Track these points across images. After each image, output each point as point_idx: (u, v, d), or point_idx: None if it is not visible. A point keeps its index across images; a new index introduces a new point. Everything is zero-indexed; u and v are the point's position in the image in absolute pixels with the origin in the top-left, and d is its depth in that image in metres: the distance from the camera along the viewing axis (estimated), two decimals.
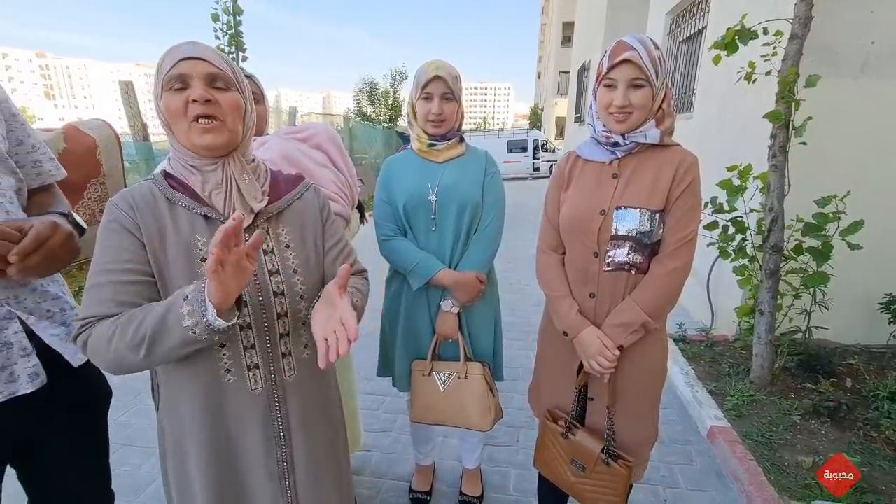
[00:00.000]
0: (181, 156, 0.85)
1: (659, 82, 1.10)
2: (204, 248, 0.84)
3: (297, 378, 0.94)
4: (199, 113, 0.79)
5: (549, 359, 1.40)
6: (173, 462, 0.93)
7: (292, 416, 0.94)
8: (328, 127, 1.55)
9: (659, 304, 1.16)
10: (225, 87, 0.82)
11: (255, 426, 0.90)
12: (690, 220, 1.15)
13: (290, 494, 0.95)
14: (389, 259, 1.49)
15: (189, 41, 0.84)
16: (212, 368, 0.86)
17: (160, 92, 0.81)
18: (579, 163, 1.26)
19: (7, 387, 0.86)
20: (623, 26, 7.65)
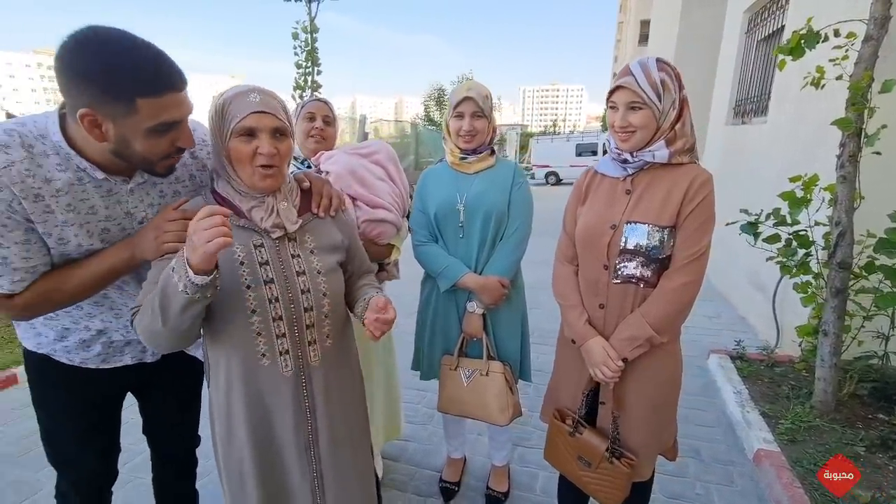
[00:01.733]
0: (236, 186, 1.02)
1: (664, 104, 1.14)
2: (241, 254, 1.01)
3: (321, 363, 1.10)
4: (264, 163, 0.96)
5: (563, 363, 1.47)
6: (221, 430, 1.11)
7: (317, 396, 1.10)
8: (387, 146, 1.75)
9: (666, 318, 1.19)
10: (284, 136, 1.00)
11: (286, 404, 1.07)
12: (701, 236, 1.17)
13: (314, 464, 1.11)
14: (422, 263, 1.64)
15: (256, 89, 0.98)
16: (250, 353, 1.03)
17: (228, 135, 0.95)
18: (597, 178, 1.32)
19: (140, 355, 1.21)
20: (699, 25, 7.25)
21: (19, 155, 0.88)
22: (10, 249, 0.91)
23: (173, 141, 0.95)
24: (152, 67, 0.86)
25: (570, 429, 1.38)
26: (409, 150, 13.46)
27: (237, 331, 1.01)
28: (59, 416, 1.20)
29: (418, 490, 1.98)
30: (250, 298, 0.99)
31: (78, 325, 1.10)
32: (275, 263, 1.03)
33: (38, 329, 1.11)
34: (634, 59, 1.18)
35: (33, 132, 0.91)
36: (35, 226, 0.92)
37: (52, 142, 0.92)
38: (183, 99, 0.92)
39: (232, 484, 1.12)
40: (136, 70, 0.84)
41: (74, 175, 0.94)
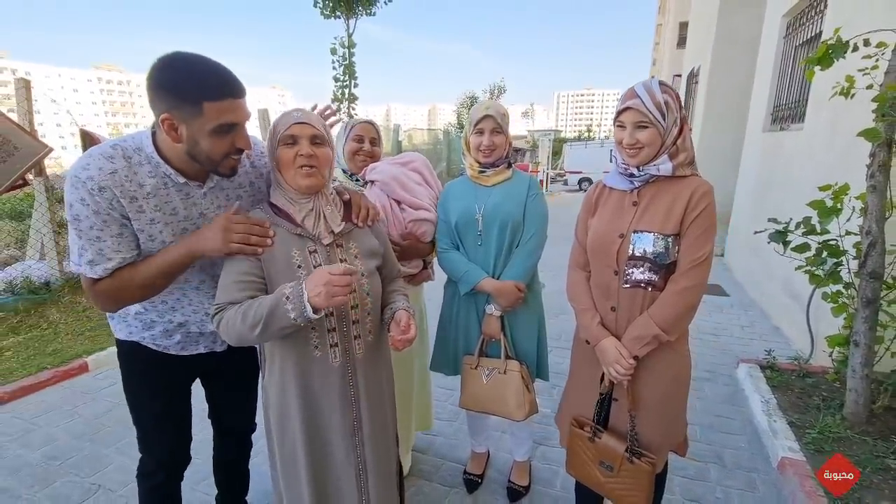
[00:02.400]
0: (286, 192, 1.21)
1: (668, 122, 1.24)
2: (298, 258, 1.17)
3: (364, 356, 1.26)
4: (303, 163, 1.14)
5: (578, 365, 1.56)
6: (276, 418, 1.26)
7: (360, 385, 1.25)
8: (421, 156, 1.96)
9: (672, 319, 1.28)
10: (321, 143, 1.17)
11: (334, 392, 1.22)
12: (704, 243, 1.26)
13: (359, 448, 1.26)
14: (444, 268, 1.78)
15: (298, 109, 1.22)
16: (304, 346, 1.19)
17: (276, 146, 1.17)
18: (605, 191, 1.43)
19: (212, 345, 1.40)
20: (736, 29, 7.10)
21: (121, 164, 1.08)
22: (106, 242, 1.09)
23: (233, 142, 1.11)
24: (215, 78, 1.05)
25: (588, 434, 1.46)
26: (442, 156, 13.69)
27: None
28: (142, 395, 1.38)
29: (444, 480, 2.11)
30: None
31: (163, 318, 1.29)
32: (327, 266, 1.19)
33: (129, 321, 1.30)
34: (638, 83, 1.27)
35: (131, 146, 1.11)
36: (129, 222, 1.11)
37: (145, 154, 1.12)
38: (241, 105, 1.09)
39: (286, 467, 1.27)
40: (202, 80, 1.03)
41: (161, 181, 1.13)
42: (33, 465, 2.21)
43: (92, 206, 1.05)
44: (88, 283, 1.13)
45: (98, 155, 1.07)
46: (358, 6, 8.98)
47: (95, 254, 1.09)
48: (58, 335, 3.50)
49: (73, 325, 3.67)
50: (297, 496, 1.27)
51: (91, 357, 3.16)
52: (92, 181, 1.04)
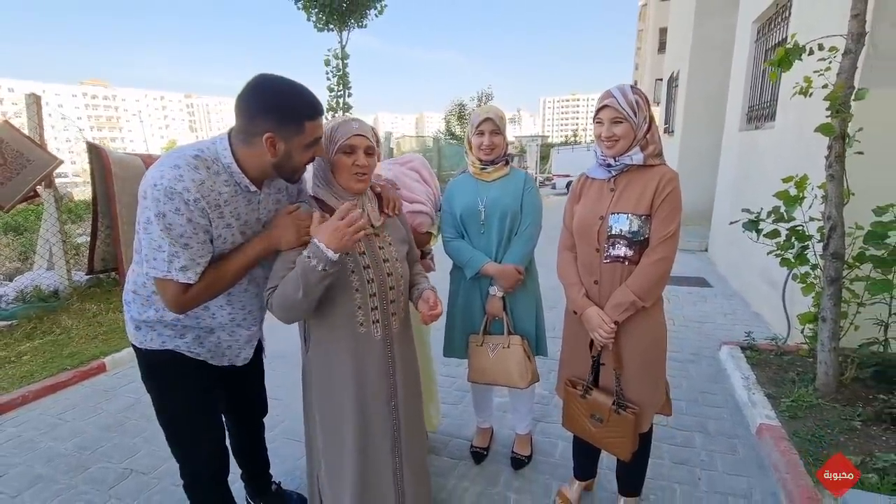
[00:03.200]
0: (335, 190, 1.37)
1: (639, 119, 1.46)
2: None
3: (399, 330, 1.46)
4: (358, 171, 1.33)
5: (570, 336, 1.76)
6: (318, 386, 1.43)
7: (397, 355, 1.45)
8: (421, 157, 2.19)
9: (646, 287, 1.48)
10: (371, 154, 1.37)
11: (376, 362, 1.41)
12: (670, 221, 1.47)
13: (396, 412, 1.45)
14: (450, 255, 1.98)
15: (356, 119, 1.38)
16: (352, 322, 1.37)
17: (334, 152, 1.31)
18: (588, 181, 1.65)
19: (234, 359, 1.52)
20: (712, 35, 7.45)
21: (205, 175, 1.19)
22: (194, 249, 1.18)
23: (315, 153, 1.28)
24: (311, 100, 1.22)
25: (581, 392, 1.67)
26: (432, 163, 13.94)
27: (343, 305, 1.35)
28: (187, 397, 1.45)
29: (452, 454, 2.28)
30: (354, 280, 1.35)
31: (198, 322, 1.38)
32: (369, 253, 1.39)
33: (160, 330, 1.37)
34: (613, 86, 1.50)
35: (210, 156, 1.22)
36: (211, 228, 1.21)
37: (222, 164, 1.23)
38: (323, 123, 1.29)
39: (328, 434, 1.43)
40: (303, 102, 1.20)
41: (234, 188, 1.26)
42: (66, 454, 2.35)
43: (186, 216, 1.15)
44: (178, 290, 1.20)
45: (186, 167, 1.16)
46: (350, 19, 9.24)
47: (188, 260, 1.18)
48: (72, 339, 3.62)
49: (85, 330, 3.80)
50: (338, 455, 1.43)
51: (108, 358, 3.29)
52: (188, 192, 1.14)
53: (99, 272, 4.72)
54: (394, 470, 1.46)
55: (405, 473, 1.48)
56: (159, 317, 1.35)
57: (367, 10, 9.29)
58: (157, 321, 1.35)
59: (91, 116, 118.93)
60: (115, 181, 4.04)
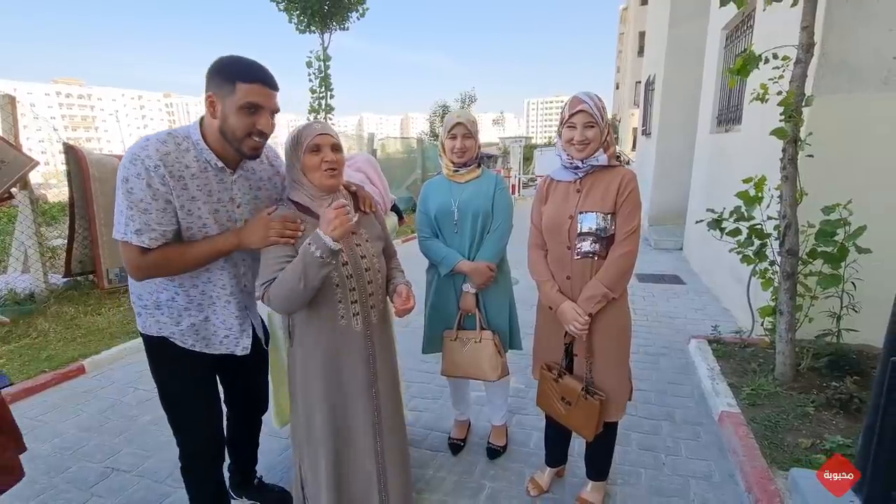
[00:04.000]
0: (309, 191, 1.44)
1: (604, 124, 1.57)
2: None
3: (378, 321, 1.54)
4: (328, 167, 1.40)
5: (543, 328, 1.86)
6: (300, 377, 1.50)
7: (376, 345, 1.53)
8: (367, 155, 2.19)
9: (615, 279, 1.60)
10: (338, 150, 1.44)
11: (357, 352, 1.49)
12: (633, 217, 1.59)
13: (376, 400, 1.53)
14: (426, 254, 2.06)
15: (318, 121, 1.48)
16: (333, 315, 1.45)
17: (301, 154, 1.39)
18: (553, 183, 1.75)
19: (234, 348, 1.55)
20: (685, 40, 7.68)
21: (172, 147, 1.30)
22: (151, 215, 1.27)
23: (255, 123, 1.30)
24: (250, 65, 1.30)
25: (554, 376, 1.77)
26: (416, 164, 13.96)
27: (325, 300, 1.43)
28: (173, 384, 1.52)
29: (431, 447, 2.37)
30: (335, 276, 1.42)
31: (191, 304, 1.45)
32: (347, 250, 1.45)
33: (158, 317, 1.45)
34: (580, 92, 1.61)
35: (181, 134, 1.34)
36: (173, 198, 1.29)
37: (192, 140, 1.34)
38: (269, 93, 1.31)
39: (308, 419, 1.51)
40: (238, 65, 1.29)
41: (203, 164, 1.35)
42: (46, 455, 2.36)
43: (146, 181, 1.25)
44: (134, 252, 1.29)
45: (154, 139, 1.29)
46: (332, 21, 9.25)
47: (142, 224, 1.27)
48: (49, 342, 3.60)
49: (62, 333, 3.77)
50: (320, 444, 1.50)
51: (87, 360, 3.29)
52: (150, 159, 1.25)
53: (76, 275, 4.68)
54: (375, 455, 1.54)
55: (385, 458, 1.57)
56: (154, 299, 1.43)
57: (348, 12, 9.34)
58: (153, 305, 1.44)
59: (66, 116, 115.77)
60: (92, 183, 4.01)
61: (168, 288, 1.44)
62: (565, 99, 1.68)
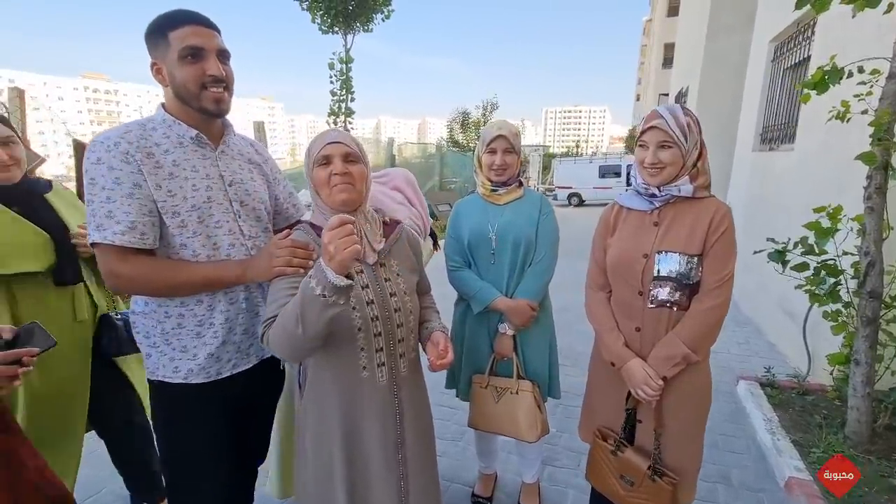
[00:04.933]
0: (324, 212, 1.20)
1: (689, 144, 1.26)
2: None
3: (407, 373, 1.25)
4: (337, 181, 1.14)
5: (599, 384, 1.55)
6: (312, 437, 1.21)
7: (405, 401, 1.24)
8: (405, 171, 1.89)
9: (699, 338, 1.29)
10: (355, 161, 1.18)
11: (379, 409, 1.20)
12: (726, 262, 1.28)
13: (404, 466, 1.23)
14: (455, 286, 1.76)
15: (332, 129, 1.23)
16: (353, 365, 1.17)
17: (311, 167, 1.17)
18: (623, 212, 1.44)
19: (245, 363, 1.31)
20: (724, 53, 7.32)
21: (135, 127, 1.15)
22: (115, 203, 1.07)
23: (203, 69, 1.14)
24: (174, 12, 1.14)
25: (612, 447, 1.45)
26: (434, 171, 13.76)
27: (345, 347, 1.15)
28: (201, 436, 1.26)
29: (451, 501, 2.06)
30: (356, 318, 1.14)
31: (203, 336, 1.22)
32: (373, 286, 1.18)
33: (171, 354, 1.21)
34: (661, 105, 1.30)
35: (145, 118, 1.21)
36: (144, 178, 1.10)
37: (157, 119, 1.19)
38: (206, 33, 1.15)
39: (320, 484, 1.21)
40: (164, 16, 1.14)
41: (176, 139, 1.18)
42: None
43: (106, 163, 1.08)
44: (108, 257, 1.09)
45: (115, 127, 1.15)
46: (356, 22, 9.09)
47: (104, 216, 1.07)
48: None
49: None
50: None
51: None
52: (108, 140, 1.10)
53: None
54: None
55: None
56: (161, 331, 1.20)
57: (373, 13, 9.17)
58: (162, 340, 1.20)
59: (91, 111, 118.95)
60: None
61: (170, 314, 1.19)
62: (584, 109, 1.36)
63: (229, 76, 1.20)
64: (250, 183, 1.30)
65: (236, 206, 1.25)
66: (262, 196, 1.33)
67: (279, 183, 1.45)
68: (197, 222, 1.17)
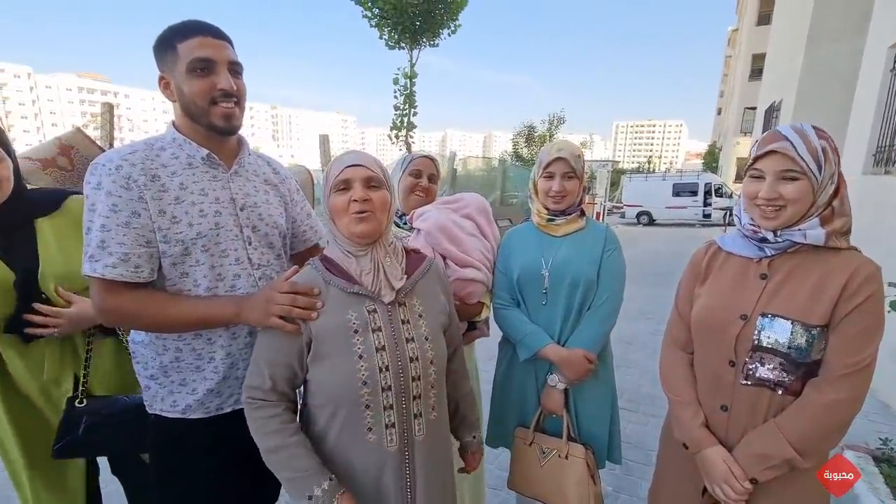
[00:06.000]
0: (340, 244, 1.06)
1: (824, 176, 0.97)
2: (356, 322, 1.01)
3: (425, 437, 1.06)
4: (356, 209, 1.00)
5: (670, 464, 1.27)
6: None
7: (418, 472, 1.05)
8: (479, 198, 1.70)
9: (813, 438, 0.98)
10: (377, 186, 1.03)
11: (389, 481, 1.02)
12: (866, 342, 0.96)
13: None
14: (501, 327, 1.55)
15: (352, 151, 1.09)
16: (357, 428, 1.01)
17: (329, 193, 1.04)
18: (721, 255, 1.16)
19: None
20: (826, 61, 6.51)
21: (140, 148, 1.08)
22: (110, 232, 1.00)
23: (213, 83, 1.07)
24: (183, 23, 1.09)
25: None
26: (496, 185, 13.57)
27: (346, 405, 1.00)
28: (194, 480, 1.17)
29: None
30: (362, 369, 0.99)
31: (203, 371, 1.15)
32: (386, 329, 1.02)
33: (170, 388, 1.14)
34: (783, 125, 1.02)
35: (153, 138, 1.14)
36: (145, 204, 1.03)
37: (166, 139, 1.12)
38: (215, 43, 1.08)
39: None
40: (173, 28, 1.08)
41: (186, 160, 1.11)
42: None
43: (105, 187, 1.01)
44: (98, 291, 1.03)
45: (119, 148, 1.09)
46: (422, 38, 9.20)
47: (96, 247, 1.00)
48: None
49: None
50: None
51: None
52: (110, 162, 1.02)
53: None
54: None
55: None
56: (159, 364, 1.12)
57: (440, 29, 9.22)
58: (161, 373, 1.13)
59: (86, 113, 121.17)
60: None
61: (168, 347, 1.12)
62: (657, 123, 1.08)
63: (241, 90, 1.12)
64: (265, 206, 1.21)
65: (247, 232, 1.16)
66: (276, 220, 1.23)
67: (297, 204, 1.35)
68: (201, 251, 1.09)
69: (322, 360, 1.00)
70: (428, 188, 1.64)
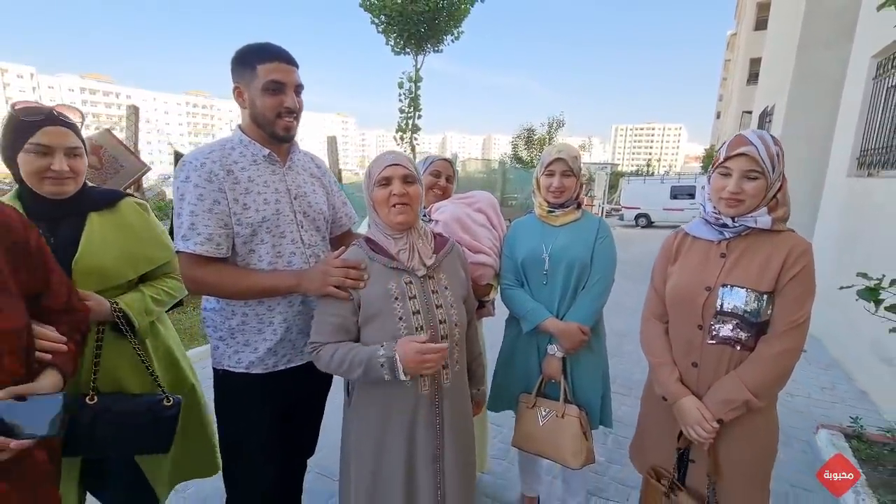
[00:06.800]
0: (382, 228, 1.30)
1: (775, 175, 1.20)
2: (395, 290, 1.24)
3: (450, 384, 1.30)
4: (396, 202, 1.24)
5: (652, 418, 1.50)
6: (356, 447, 1.29)
7: (445, 413, 1.29)
8: (489, 195, 1.98)
9: (765, 384, 1.20)
10: (412, 182, 1.27)
11: (420, 419, 1.26)
12: (802, 304, 1.19)
13: (441, 476, 1.28)
14: (507, 305, 1.78)
15: (390, 151, 1.34)
16: None
17: (372, 188, 1.27)
18: (687, 240, 1.39)
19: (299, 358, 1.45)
20: (817, 68, 6.74)
21: (217, 148, 1.32)
22: (198, 217, 1.24)
23: (282, 101, 1.30)
24: (264, 46, 1.30)
25: (664, 488, 1.39)
26: (496, 187, 13.82)
27: None
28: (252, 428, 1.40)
29: None
30: (402, 328, 1.22)
31: (263, 333, 1.37)
32: (420, 297, 1.26)
33: (235, 347, 1.37)
34: (747, 131, 1.24)
35: (224, 139, 1.38)
36: (224, 194, 1.27)
37: (235, 140, 1.36)
38: (289, 70, 1.31)
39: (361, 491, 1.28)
40: (254, 49, 1.30)
41: (251, 158, 1.34)
42: None
43: (193, 181, 1.25)
44: (186, 262, 1.27)
45: (199, 148, 1.33)
46: (427, 44, 9.47)
47: (188, 227, 1.24)
48: None
49: None
50: None
51: None
52: (196, 160, 1.26)
53: None
54: None
55: None
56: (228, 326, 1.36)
57: (444, 35, 9.50)
58: (228, 334, 1.36)
59: (190, 123, 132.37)
60: None
61: (235, 312, 1.36)
62: (656, 126, 1.31)
63: (300, 108, 1.37)
64: (312, 196, 1.45)
65: (300, 217, 1.40)
66: (322, 207, 1.48)
67: (335, 193, 1.60)
68: (266, 232, 1.33)
69: (370, 321, 1.23)
70: (445, 187, 1.91)
